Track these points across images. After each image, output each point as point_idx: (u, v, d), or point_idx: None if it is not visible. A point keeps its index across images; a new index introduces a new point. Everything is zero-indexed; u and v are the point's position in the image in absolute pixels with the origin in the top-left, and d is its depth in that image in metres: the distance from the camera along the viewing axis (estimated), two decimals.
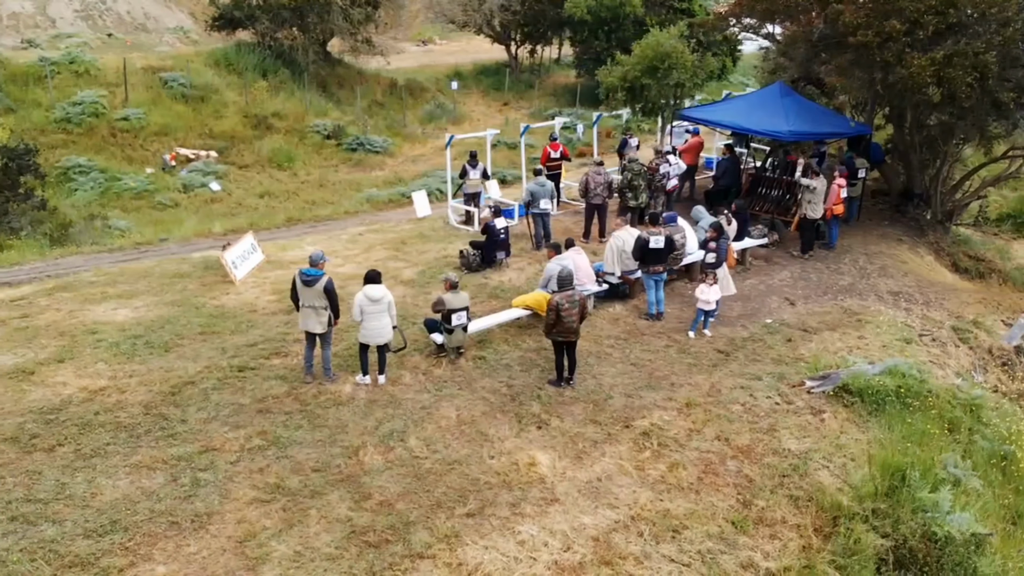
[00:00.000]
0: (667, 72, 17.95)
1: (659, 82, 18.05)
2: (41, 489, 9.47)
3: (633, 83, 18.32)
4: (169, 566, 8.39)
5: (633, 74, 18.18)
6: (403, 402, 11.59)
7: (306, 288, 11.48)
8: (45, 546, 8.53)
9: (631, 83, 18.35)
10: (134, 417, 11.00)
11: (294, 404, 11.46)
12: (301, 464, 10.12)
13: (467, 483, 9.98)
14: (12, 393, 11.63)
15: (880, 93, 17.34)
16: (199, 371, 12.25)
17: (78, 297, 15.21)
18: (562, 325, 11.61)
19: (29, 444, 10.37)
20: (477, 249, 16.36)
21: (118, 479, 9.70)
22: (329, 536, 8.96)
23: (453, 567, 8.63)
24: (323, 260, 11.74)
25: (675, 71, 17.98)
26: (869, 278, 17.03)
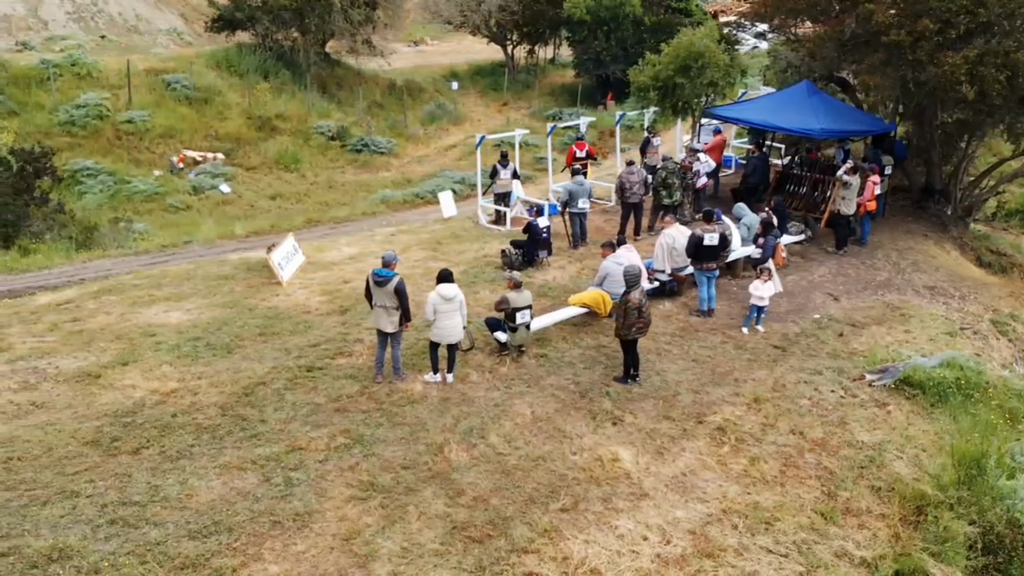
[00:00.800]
0: (700, 71, 18.13)
1: (692, 81, 18.23)
2: (134, 492, 9.46)
3: (666, 82, 18.47)
4: (281, 565, 8.42)
5: (666, 73, 18.33)
6: (475, 400, 11.67)
7: (378, 288, 11.54)
8: (152, 548, 8.53)
9: (663, 82, 18.50)
10: (212, 418, 11.01)
11: (369, 403, 11.50)
12: (389, 462, 10.18)
13: (555, 479, 10.07)
14: (82, 396, 11.60)
15: (911, 91, 17.57)
16: (267, 372, 12.26)
17: (125, 300, 15.15)
18: (643, 320, 11.75)
19: (111, 447, 10.35)
20: (519, 248, 16.45)
21: (210, 480, 9.71)
22: (432, 532, 9.03)
23: (559, 561, 8.73)
24: (395, 261, 11.80)
25: (708, 70, 18.17)
26: (904, 273, 17.30)
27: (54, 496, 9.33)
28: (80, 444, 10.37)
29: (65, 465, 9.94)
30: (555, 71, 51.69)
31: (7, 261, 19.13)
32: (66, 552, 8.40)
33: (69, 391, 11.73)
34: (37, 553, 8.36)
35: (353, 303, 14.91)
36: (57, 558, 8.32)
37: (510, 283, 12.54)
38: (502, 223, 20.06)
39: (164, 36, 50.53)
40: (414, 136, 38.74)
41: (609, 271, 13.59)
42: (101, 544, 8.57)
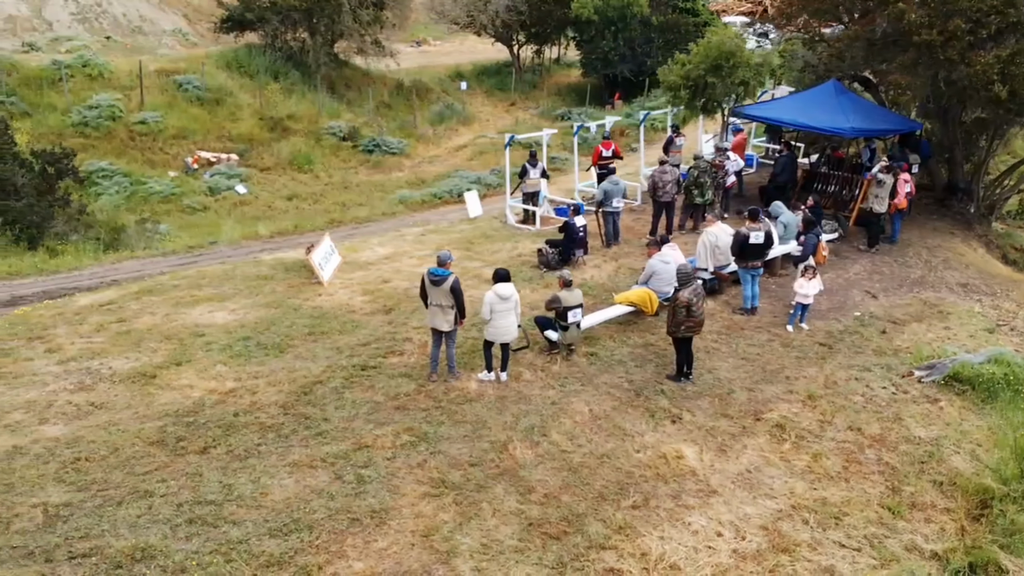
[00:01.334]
0: (732, 70, 18.23)
1: (724, 80, 18.32)
2: (208, 491, 9.49)
3: (697, 81, 18.56)
4: (364, 562, 8.47)
5: (696, 72, 18.42)
6: (531, 398, 11.73)
7: (434, 287, 11.57)
8: (235, 547, 8.57)
9: (695, 81, 18.59)
10: (275, 417, 11.05)
11: (427, 401, 11.55)
12: (456, 459, 10.23)
13: (622, 476, 10.14)
14: (141, 396, 11.62)
15: (942, 90, 17.70)
16: (323, 371, 12.31)
17: (168, 300, 15.16)
18: (694, 319, 11.83)
19: (177, 447, 10.38)
20: (555, 247, 16.51)
21: (282, 479, 9.75)
22: (508, 528, 9.10)
23: (637, 557, 8.80)
24: (450, 260, 11.83)
25: (740, 69, 18.27)
26: (936, 271, 17.43)
27: (127, 496, 9.36)
28: (146, 444, 10.40)
29: (134, 465, 9.97)
30: (560, 71, 51.83)
31: (36, 262, 19.10)
32: (148, 552, 8.43)
33: (126, 391, 11.75)
34: (120, 553, 8.39)
35: (396, 302, 14.96)
36: (140, 558, 8.35)
37: (561, 281, 12.60)
38: (531, 222, 20.12)
39: (168, 37, 50.46)
40: (424, 136, 38.78)
41: (655, 269, 13.67)
42: (183, 543, 8.60)
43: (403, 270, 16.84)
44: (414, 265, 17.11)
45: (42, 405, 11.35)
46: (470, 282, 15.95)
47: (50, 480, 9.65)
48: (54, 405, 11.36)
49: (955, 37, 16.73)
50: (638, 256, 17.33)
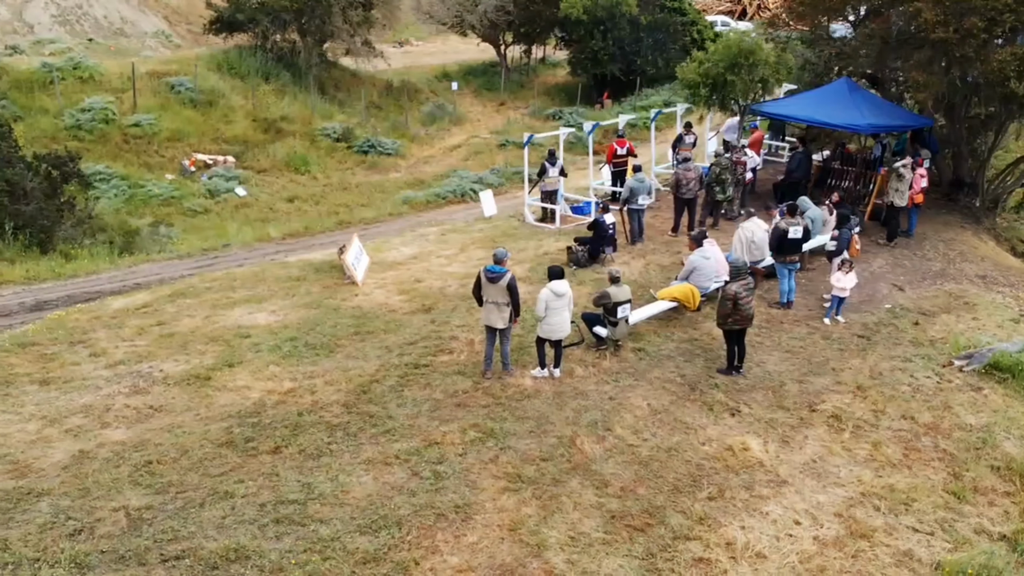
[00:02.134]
0: (752, 68, 18.47)
1: (743, 78, 18.56)
2: (288, 490, 9.51)
3: (716, 79, 18.79)
4: (459, 556, 8.55)
5: (716, 70, 18.65)
6: (588, 393, 11.85)
7: (490, 284, 11.64)
8: (328, 545, 8.60)
9: (714, 79, 18.82)
10: (339, 416, 11.08)
11: (486, 398, 11.63)
12: (526, 454, 10.32)
13: (692, 468, 10.30)
14: (199, 398, 11.60)
15: (958, 87, 18.08)
16: (376, 370, 12.35)
17: (204, 303, 15.11)
18: (740, 313, 12.01)
19: (248, 447, 10.38)
20: (584, 245, 16.65)
21: (359, 476, 9.79)
22: (592, 521, 9.21)
23: (723, 547, 8.96)
24: (507, 258, 11.92)
25: (760, 67, 18.51)
26: (954, 263, 17.79)
27: (208, 498, 9.35)
28: (215, 446, 10.38)
29: (207, 467, 9.96)
30: (546, 71, 51.99)
31: (53, 267, 18.88)
32: (242, 552, 8.44)
33: (183, 394, 11.71)
34: (213, 554, 8.40)
35: (434, 302, 15.01)
36: (235, 558, 8.37)
37: (609, 277, 12.72)
38: (549, 221, 20.24)
39: (151, 39, 50.03)
40: (418, 137, 38.76)
41: (697, 265, 13.85)
42: (274, 543, 8.63)
43: (433, 269, 16.88)
44: (443, 265, 17.17)
45: (100, 409, 11.28)
46: None
47: (125, 484, 9.61)
48: (112, 409, 11.30)
49: (971, 35, 17.07)
50: (664, 253, 17.53)
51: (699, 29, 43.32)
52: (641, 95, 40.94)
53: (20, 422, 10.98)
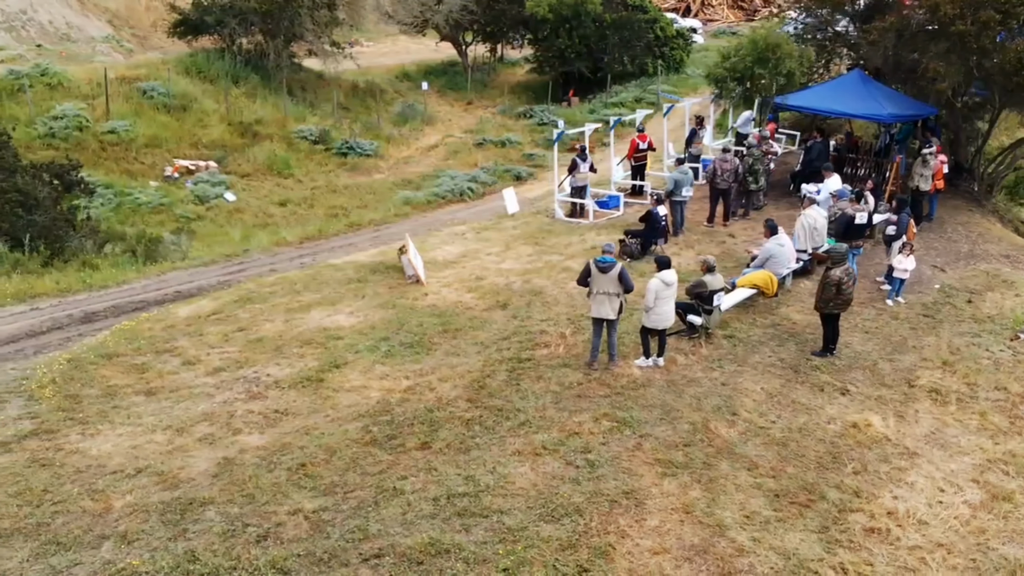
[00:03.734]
0: (779, 61, 19.05)
1: (771, 72, 19.13)
2: (453, 484, 9.61)
3: (744, 73, 19.31)
4: (650, 540, 8.79)
5: (744, 64, 19.17)
6: (700, 380, 12.18)
7: (602, 275, 11.85)
8: (518, 534, 8.75)
9: (742, 73, 19.34)
10: (468, 411, 11.18)
11: (602, 388, 11.86)
12: (668, 441, 10.59)
13: (827, 446, 10.71)
14: (321, 400, 11.58)
15: (975, 76, 18.97)
16: (483, 365, 12.47)
17: (276, 307, 14.97)
18: (841, 297, 12.48)
19: (394, 445, 10.43)
20: (635, 237, 16.98)
21: (516, 467, 9.93)
22: (757, 501, 9.54)
23: (886, 516, 9.38)
24: (613, 250, 12.14)
25: (787, 60, 19.11)
26: (978, 244, 18.67)
27: (378, 496, 9.40)
28: (361, 445, 10.41)
29: (362, 466, 9.99)
30: (505, 69, 52.19)
31: (82, 277, 18.39)
32: (439, 546, 8.54)
33: (302, 396, 11.67)
34: (411, 550, 8.48)
35: (507, 299, 15.15)
36: (435, 553, 8.45)
37: (703, 267, 13.08)
38: (579, 216, 20.52)
39: (102, 44, 48.60)
40: (393, 138, 38.59)
41: (773, 252, 14.31)
42: (464, 535, 8.74)
43: (488, 267, 17.00)
44: (496, 262, 17.30)
45: (223, 416, 11.17)
46: (561, 276, 16.33)
47: (288, 487, 9.58)
48: (235, 415, 11.19)
49: (988, 27, 17.94)
50: (709, 243, 17.98)
51: (661, 27, 44.11)
52: (611, 92, 41.45)
53: (145, 433, 10.80)
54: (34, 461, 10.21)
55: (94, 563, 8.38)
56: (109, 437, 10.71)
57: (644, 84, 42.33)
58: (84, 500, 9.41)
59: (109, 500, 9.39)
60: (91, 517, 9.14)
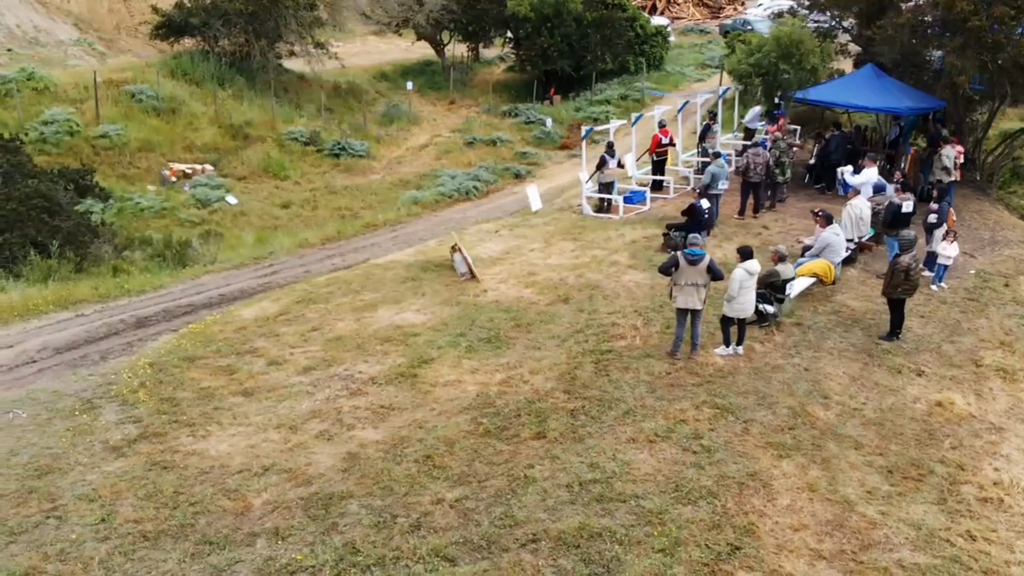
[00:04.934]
0: (803, 57, 19.60)
1: (795, 67, 19.66)
2: (580, 471, 9.88)
3: (768, 69, 19.82)
4: (788, 517, 9.16)
5: (768, 60, 19.68)
6: (783, 367, 12.59)
7: (691, 267, 12.19)
8: (661, 516, 9.07)
9: (766, 69, 19.84)
10: (569, 401, 11.45)
11: (691, 377, 12.20)
12: (772, 425, 10.98)
13: (920, 424, 11.20)
14: (421, 395, 11.76)
15: (989, 70, 19.73)
16: (568, 357, 12.74)
17: (340, 307, 15.06)
18: (909, 283, 13.00)
19: (509, 436, 10.66)
20: (679, 230, 17.36)
21: (636, 454, 10.24)
22: (873, 477, 9.99)
23: (993, 486, 9.89)
24: (700, 241, 12.49)
25: (811, 56, 19.66)
26: (996, 232, 19.43)
27: (512, 484, 9.64)
28: (477, 437, 10.62)
29: (486, 456, 10.22)
30: (482, 68, 52.35)
31: (119, 283, 18.22)
32: (589, 530, 8.82)
33: (401, 392, 11.83)
34: (564, 534, 8.74)
35: (566, 293, 15.38)
36: (588, 536, 8.72)
37: (775, 256, 13.50)
38: (607, 211, 20.86)
39: (74, 47, 47.70)
40: (383, 138, 38.57)
41: (830, 242, 14.81)
42: (608, 519, 9.02)
43: (536, 263, 17.24)
44: (542, 258, 17.53)
45: (331, 413, 11.29)
46: (612, 269, 16.66)
47: (422, 479, 9.77)
48: (342, 412, 11.32)
49: (1002, 23, 18.69)
50: (746, 235, 18.41)
51: (641, 25, 44.70)
52: (596, 90, 41.90)
53: (258, 433, 10.88)
54: (154, 464, 10.22)
55: (255, 560, 8.49)
56: (222, 438, 10.76)
57: (627, 82, 42.86)
58: (221, 500, 9.47)
59: (246, 499, 9.47)
60: (233, 516, 9.21)
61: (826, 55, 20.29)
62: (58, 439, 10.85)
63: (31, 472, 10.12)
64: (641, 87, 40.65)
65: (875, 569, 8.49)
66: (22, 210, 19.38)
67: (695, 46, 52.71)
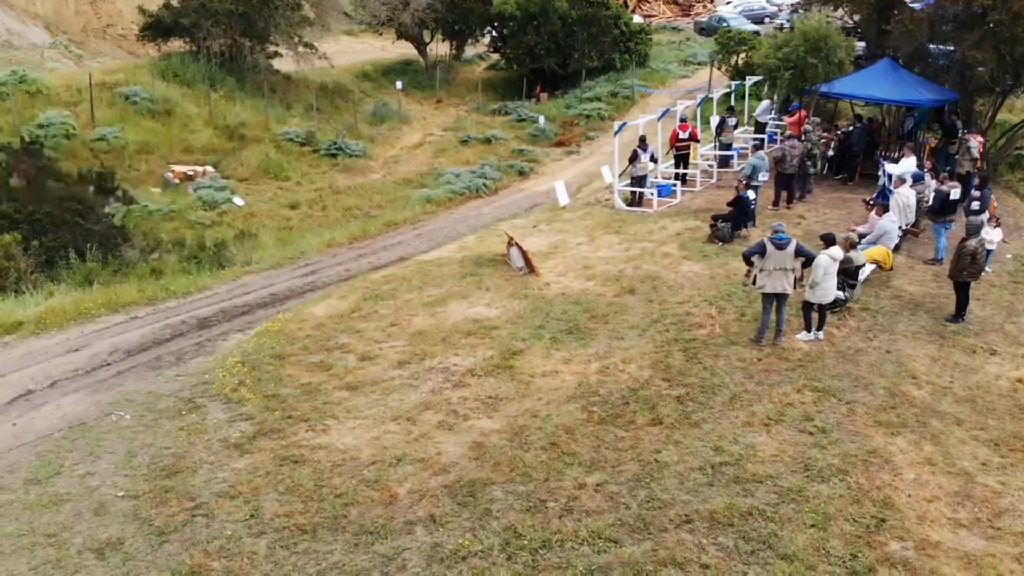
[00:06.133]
0: (831, 51, 20.11)
1: (823, 61, 20.15)
2: (708, 454, 10.18)
3: (797, 63, 20.29)
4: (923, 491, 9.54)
5: (797, 54, 20.14)
6: (866, 350, 12.99)
7: (779, 252, 12.52)
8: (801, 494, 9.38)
9: (795, 63, 20.31)
10: (671, 389, 11.73)
11: (781, 363, 12.55)
12: (873, 405, 11.35)
13: (1010, 401, 11.65)
14: (523, 385, 11.95)
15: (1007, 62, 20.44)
16: (655, 347, 13.01)
17: (410, 303, 15.14)
18: (976, 266, 13.50)
19: (623, 422, 10.93)
20: (726, 222, 17.75)
21: (755, 437, 10.55)
22: (983, 450, 10.43)
23: None
24: (784, 228, 12.83)
25: (837, 50, 20.19)
26: (1018, 217, 20.15)
27: (643, 470, 9.90)
28: (594, 424, 10.86)
29: (610, 442, 10.46)
30: (463, 67, 52.43)
31: (163, 285, 18.06)
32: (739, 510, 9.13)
33: (502, 383, 11.99)
34: (716, 514, 9.05)
35: (629, 285, 15.59)
36: (739, 515, 9.03)
37: (845, 244, 13.88)
38: (639, 205, 21.18)
39: (50, 50, 46.73)
40: (376, 137, 38.52)
41: (887, 229, 15.30)
42: (751, 498, 9.33)
43: (587, 256, 17.46)
44: (591, 251, 17.76)
45: (442, 404, 11.43)
46: (666, 260, 16.97)
47: (557, 465, 9.98)
48: (451, 403, 11.47)
49: (1020, 16, 19.41)
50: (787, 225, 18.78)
51: (625, 22, 45.20)
52: (584, 87, 42.28)
53: (377, 425, 10.99)
54: (282, 459, 10.27)
55: (420, 547, 8.62)
56: (342, 431, 10.84)
57: (614, 79, 43.29)
58: (366, 491, 9.57)
59: (390, 489, 9.59)
60: (382, 506, 9.33)
61: (851, 49, 20.81)
62: (173, 439, 10.84)
63: (158, 472, 10.12)
64: (632, 84, 41.07)
65: (1012, 534, 8.88)
66: (56, 213, 19.12)
67: (672, 43, 53.36)
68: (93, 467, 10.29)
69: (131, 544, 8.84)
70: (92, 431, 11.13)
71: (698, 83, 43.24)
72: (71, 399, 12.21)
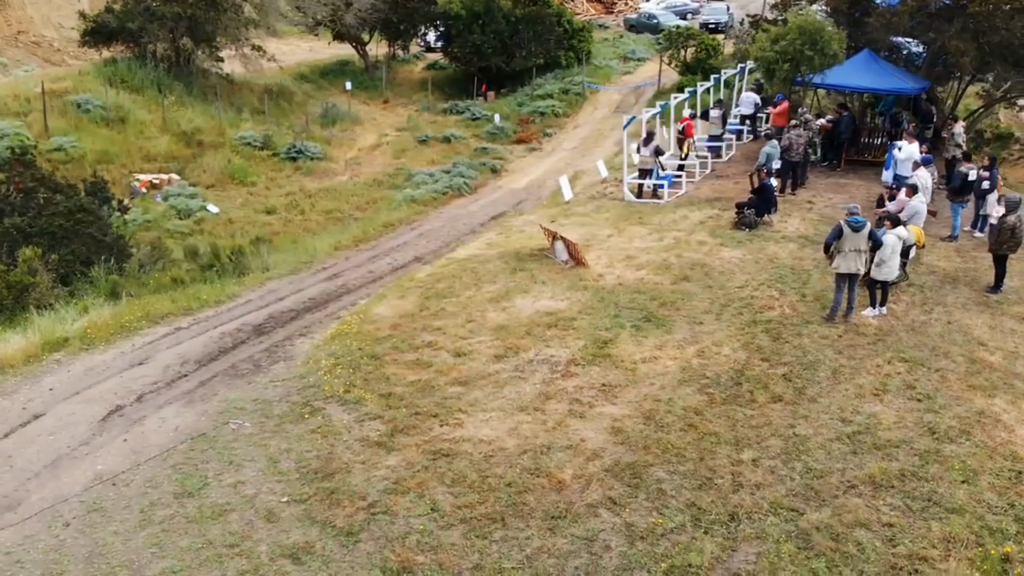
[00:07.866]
0: (826, 43, 21.05)
1: (819, 53, 21.06)
2: (837, 426, 10.78)
3: (794, 55, 21.15)
4: None
5: (794, 47, 21.00)
6: (929, 322, 13.85)
7: (855, 234, 13.22)
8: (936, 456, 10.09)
9: (792, 56, 21.17)
10: (773, 368, 12.30)
11: (859, 338, 13.26)
12: (958, 371, 12.18)
13: None
14: (629, 372, 12.30)
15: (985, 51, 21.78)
16: (736, 330, 13.56)
17: (474, 300, 15.24)
18: (1015, 240, 14.52)
19: (743, 401, 11.44)
20: (751, 208, 18.48)
21: (870, 407, 11.20)
22: None
23: None
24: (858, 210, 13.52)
25: (832, 42, 21.15)
26: None
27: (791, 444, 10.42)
28: (717, 404, 11.32)
29: (740, 420, 10.97)
30: (400, 67, 52.18)
31: (195, 293, 17.70)
32: (889, 472, 9.71)
33: (607, 371, 12.32)
34: (873, 477, 9.64)
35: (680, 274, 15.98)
36: (893, 477, 9.62)
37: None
38: (647, 196, 21.78)
39: None
40: (332, 139, 38.15)
41: (918, 209, 16.22)
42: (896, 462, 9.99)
43: (625, 247, 17.85)
44: (626, 242, 18.15)
45: (561, 393, 11.73)
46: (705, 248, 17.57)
47: (705, 444, 10.39)
48: (568, 391, 11.78)
49: (999, 8, 20.78)
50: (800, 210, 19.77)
51: (568, 20, 45.88)
52: (534, 85, 42.78)
53: (507, 417, 11.19)
54: (433, 454, 10.39)
55: (616, 526, 8.94)
56: (476, 425, 11.00)
57: (560, 76, 43.92)
58: (532, 479, 9.80)
59: (555, 476, 9.84)
60: (555, 492, 9.58)
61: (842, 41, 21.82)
62: (309, 442, 10.81)
63: (312, 475, 10.11)
64: (583, 81, 41.76)
65: None
66: (68, 225, 18.49)
67: (605, 40, 54.26)
68: (239, 476, 10.18)
69: (322, 546, 8.85)
70: (216, 441, 10.98)
71: (643, 78, 44.34)
72: (171, 411, 11.99)
